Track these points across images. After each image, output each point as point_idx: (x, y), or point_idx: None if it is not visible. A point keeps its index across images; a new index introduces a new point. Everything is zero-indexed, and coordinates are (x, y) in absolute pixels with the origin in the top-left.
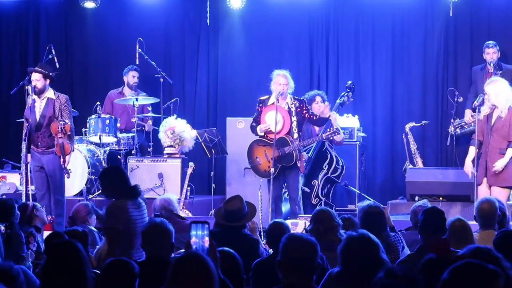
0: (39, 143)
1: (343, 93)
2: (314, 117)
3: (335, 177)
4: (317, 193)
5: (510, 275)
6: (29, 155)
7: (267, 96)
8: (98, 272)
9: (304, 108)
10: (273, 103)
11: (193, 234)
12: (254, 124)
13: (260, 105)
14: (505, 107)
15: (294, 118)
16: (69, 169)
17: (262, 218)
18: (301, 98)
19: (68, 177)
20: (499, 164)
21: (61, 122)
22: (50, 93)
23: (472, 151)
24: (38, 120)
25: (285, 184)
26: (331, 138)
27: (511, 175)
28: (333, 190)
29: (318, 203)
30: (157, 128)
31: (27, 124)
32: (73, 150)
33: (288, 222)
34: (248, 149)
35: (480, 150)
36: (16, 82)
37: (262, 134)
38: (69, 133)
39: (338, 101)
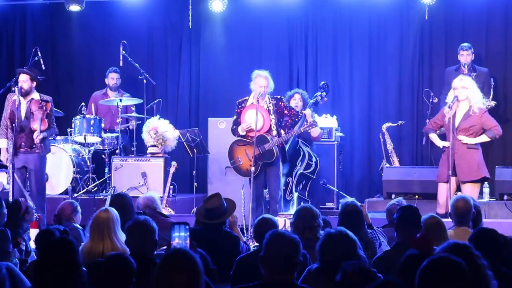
0: (22, 143)
1: (316, 93)
2: (291, 111)
3: (309, 173)
4: (291, 190)
5: (486, 272)
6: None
7: (245, 98)
8: (85, 269)
9: (281, 104)
10: (252, 103)
11: (174, 235)
12: (234, 126)
13: (239, 106)
14: (479, 104)
15: (272, 117)
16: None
17: (244, 217)
18: (278, 96)
19: (38, 151)
20: (467, 140)
21: (42, 102)
22: (35, 95)
23: (435, 135)
24: (22, 121)
25: (266, 182)
26: (309, 131)
27: (481, 166)
28: (309, 185)
29: (292, 198)
30: (140, 122)
31: (14, 124)
32: (53, 138)
33: None
34: (228, 150)
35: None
36: (2, 83)
37: (244, 133)
38: (49, 112)
39: (311, 100)
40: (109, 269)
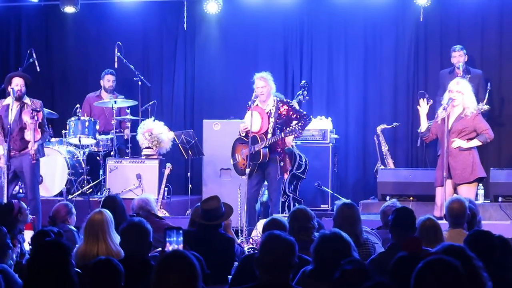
0: (11, 147)
1: (298, 92)
2: (297, 113)
3: (300, 173)
4: (284, 190)
5: (481, 274)
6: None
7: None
8: (79, 270)
9: (285, 107)
10: (257, 105)
11: (167, 240)
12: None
13: (247, 106)
14: (473, 107)
15: (271, 120)
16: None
17: (240, 216)
18: (284, 100)
19: (34, 162)
20: (459, 143)
21: (33, 112)
22: (26, 100)
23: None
24: (11, 125)
25: (266, 183)
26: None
27: (475, 167)
28: (299, 185)
29: (286, 199)
30: (135, 134)
31: (9, 126)
32: (48, 140)
33: (263, 221)
34: (232, 146)
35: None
36: None
37: (244, 134)
38: (41, 121)
39: (294, 100)
40: (97, 274)
